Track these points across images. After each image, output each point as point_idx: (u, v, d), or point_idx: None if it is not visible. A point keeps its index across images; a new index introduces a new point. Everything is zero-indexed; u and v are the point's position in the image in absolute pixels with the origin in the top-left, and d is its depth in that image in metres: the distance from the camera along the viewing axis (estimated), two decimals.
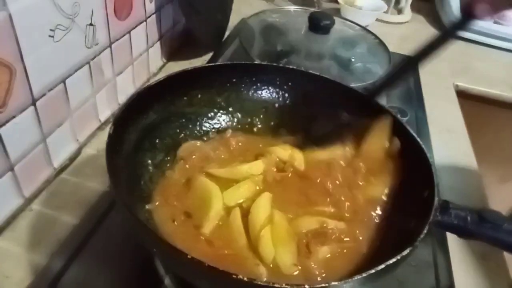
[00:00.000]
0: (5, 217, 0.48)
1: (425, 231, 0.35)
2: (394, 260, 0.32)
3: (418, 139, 0.44)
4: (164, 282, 0.44)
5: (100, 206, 0.51)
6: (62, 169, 0.55)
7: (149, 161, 0.47)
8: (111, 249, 0.46)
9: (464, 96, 0.89)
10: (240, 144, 0.53)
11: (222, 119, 0.56)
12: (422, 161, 0.42)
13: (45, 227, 0.48)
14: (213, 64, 0.58)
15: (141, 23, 0.67)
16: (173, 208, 0.43)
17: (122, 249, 0.46)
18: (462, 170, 0.67)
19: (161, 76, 0.77)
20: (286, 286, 0.29)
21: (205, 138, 0.53)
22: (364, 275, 0.31)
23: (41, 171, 0.52)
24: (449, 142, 0.73)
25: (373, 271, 0.31)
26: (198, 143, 0.52)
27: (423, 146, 0.43)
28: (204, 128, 0.54)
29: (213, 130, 0.55)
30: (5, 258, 0.45)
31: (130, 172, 0.43)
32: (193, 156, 0.49)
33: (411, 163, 0.45)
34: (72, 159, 0.57)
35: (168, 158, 0.49)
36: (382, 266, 0.32)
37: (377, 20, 1.08)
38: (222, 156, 0.51)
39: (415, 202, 0.40)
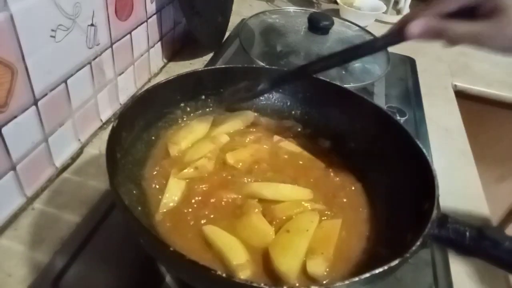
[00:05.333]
0: (8, 216, 0.48)
1: (418, 243, 0.34)
2: (380, 269, 0.32)
3: (425, 152, 0.43)
4: (165, 280, 0.44)
5: (102, 205, 0.51)
6: (64, 168, 0.56)
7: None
8: (113, 247, 0.47)
9: (462, 96, 0.90)
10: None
11: None
12: (427, 174, 0.41)
13: (47, 226, 0.49)
14: (225, 66, 0.58)
15: (142, 23, 0.67)
16: None
17: (124, 247, 0.46)
18: (460, 169, 0.67)
19: (162, 76, 0.78)
20: (265, 286, 0.29)
21: None
22: (346, 282, 0.31)
23: (43, 170, 0.52)
24: (447, 141, 0.73)
25: (356, 279, 0.31)
26: None
27: (429, 159, 0.42)
28: None
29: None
30: (7, 256, 0.45)
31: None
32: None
33: (415, 174, 0.43)
34: (74, 158, 0.57)
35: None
36: (367, 275, 0.31)
37: (376, 20, 1.08)
38: None
39: (414, 213, 0.39)
